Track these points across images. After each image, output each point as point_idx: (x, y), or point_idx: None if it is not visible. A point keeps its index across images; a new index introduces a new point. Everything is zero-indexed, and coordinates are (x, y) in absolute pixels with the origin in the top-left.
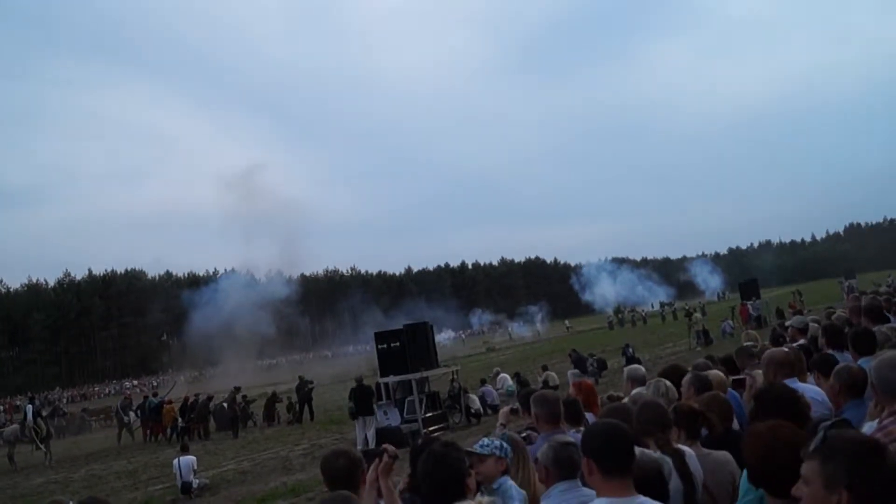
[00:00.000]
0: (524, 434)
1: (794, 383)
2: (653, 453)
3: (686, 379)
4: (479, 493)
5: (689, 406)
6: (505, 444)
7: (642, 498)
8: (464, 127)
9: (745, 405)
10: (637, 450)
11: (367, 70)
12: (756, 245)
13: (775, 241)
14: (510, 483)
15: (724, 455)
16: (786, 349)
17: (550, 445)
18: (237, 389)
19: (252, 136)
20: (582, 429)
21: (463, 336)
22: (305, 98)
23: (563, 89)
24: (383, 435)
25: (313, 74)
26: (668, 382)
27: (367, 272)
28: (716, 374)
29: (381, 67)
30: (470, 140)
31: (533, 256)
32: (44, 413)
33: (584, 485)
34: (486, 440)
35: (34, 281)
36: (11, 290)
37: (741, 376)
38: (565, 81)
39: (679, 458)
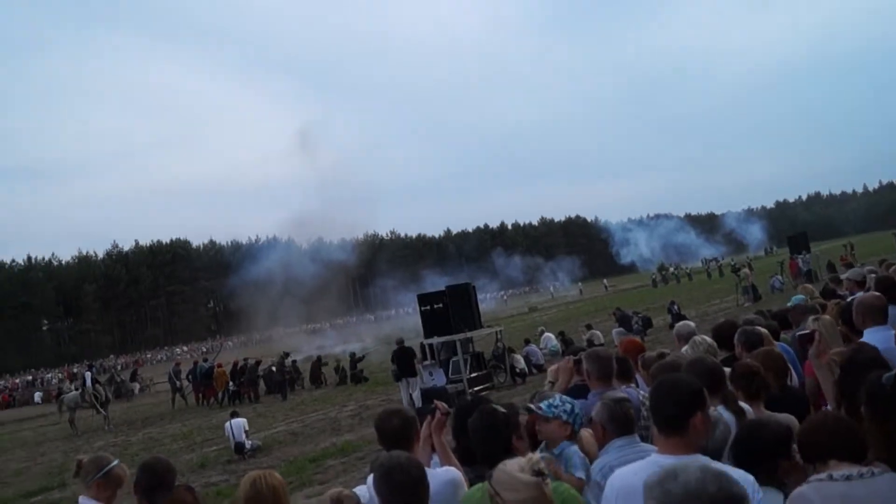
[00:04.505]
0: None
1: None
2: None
3: (736, 335)
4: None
5: (747, 365)
6: (576, 410)
7: (702, 457)
8: (502, 86)
9: (813, 359)
10: None
11: (402, 32)
12: (804, 198)
13: (825, 193)
14: (574, 449)
15: (788, 419)
16: (876, 293)
17: (604, 403)
18: (286, 354)
19: (293, 104)
20: (633, 386)
21: (504, 296)
22: (343, 64)
23: (602, 44)
24: (429, 395)
25: (350, 39)
26: (707, 338)
27: (406, 235)
28: (763, 329)
29: (417, 29)
30: (508, 98)
31: (573, 215)
32: (101, 380)
33: (643, 440)
34: (555, 401)
35: (84, 253)
36: (63, 262)
37: (806, 330)
38: (604, 36)
39: (742, 417)
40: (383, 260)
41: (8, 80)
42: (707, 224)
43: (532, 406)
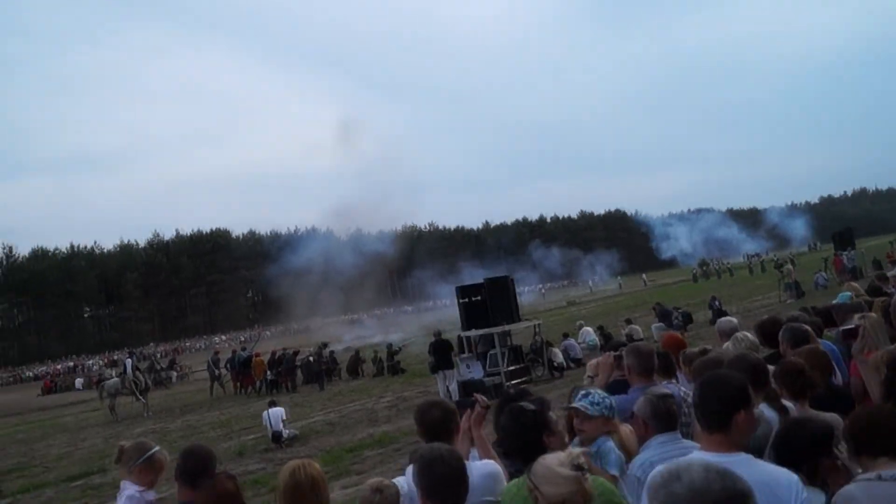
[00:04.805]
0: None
1: None
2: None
3: (781, 332)
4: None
5: (792, 362)
6: (613, 403)
7: (745, 455)
8: (544, 77)
9: (857, 355)
10: None
11: (444, 25)
12: (850, 193)
13: (871, 188)
14: (610, 445)
15: (833, 418)
16: None
17: (647, 398)
18: (324, 344)
19: (335, 96)
20: (674, 382)
21: (543, 290)
22: (386, 56)
23: (646, 36)
24: (466, 388)
25: (393, 32)
26: (750, 335)
27: (445, 227)
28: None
29: (460, 22)
30: (550, 91)
31: (613, 209)
32: (141, 367)
33: (685, 437)
34: (595, 397)
35: (126, 241)
36: (105, 250)
37: (851, 325)
38: (648, 28)
39: (786, 416)
40: (421, 251)
41: (56, 72)
42: (749, 219)
43: (578, 406)
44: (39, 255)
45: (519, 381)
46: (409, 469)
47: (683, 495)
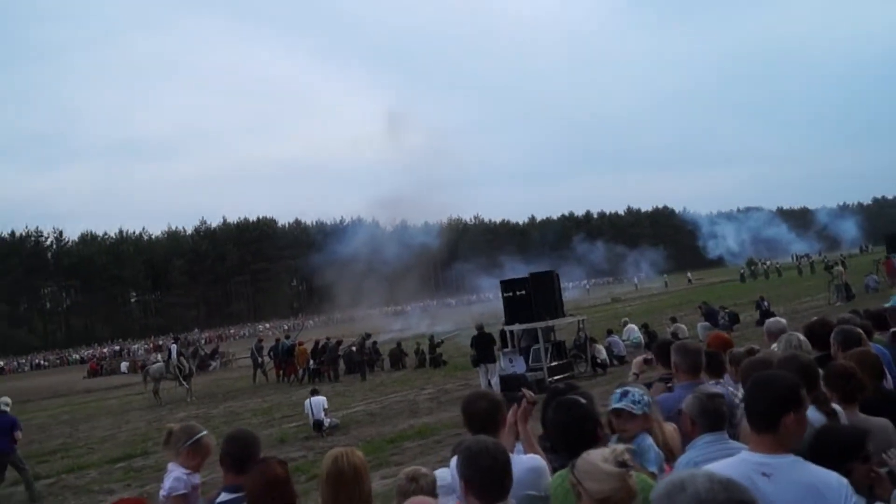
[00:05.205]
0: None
1: None
2: None
3: (833, 333)
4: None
5: (843, 365)
6: (648, 398)
7: (794, 457)
8: (594, 72)
9: None
10: None
11: (494, 17)
12: None
13: None
14: (649, 442)
15: (884, 423)
16: None
17: (697, 397)
18: (367, 335)
19: (383, 87)
20: (721, 381)
21: (587, 286)
22: (434, 49)
23: (697, 31)
24: (508, 382)
25: (442, 24)
26: (801, 336)
27: (490, 220)
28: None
29: (509, 14)
30: (599, 85)
31: (661, 206)
32: (185, 353)
33: (732, 437)
34: (635, 395)
35: (173, 228)
36: (153, 236)
37: None
38: (700, 23)
39: (835, 419)
40: (466, 244)
41: (107, 59)
42: (799, 219)
43: (624, 407)
44: (88, 240)
45: (561, 376)
46: (454, 460)
47: None
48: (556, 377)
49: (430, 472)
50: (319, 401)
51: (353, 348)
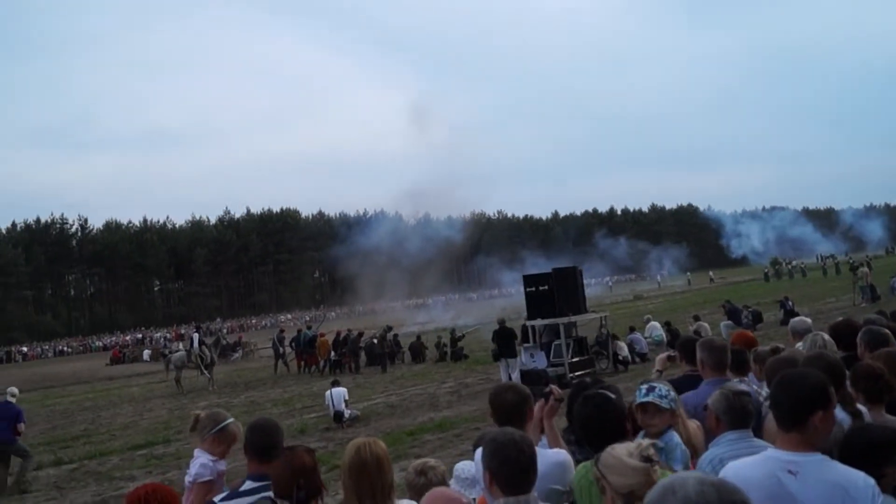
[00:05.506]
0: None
1: None
2: None
3: (860, 333)
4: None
5: (870, 365)
6: (674, 394)
7: (821, 455)
8: (618, 70)
9: None
10: None
11: (520, 12)
12: None
13: None
14: (677, 440)
15: None
16: None
17: (723, 393)
18: (389, 328)
19: (407, 81)
20: (745, 379)
21: (610, 283)
22: (460, 42)
23: (724, 29)
24: (529, 377)
25: (468, 18)
26: (826, 336)
27: (513, 215)
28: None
29: (535, 9)
30: (626, 83)
31: (685, 203)
32: (207, 342)
33: (757, 436)
34: (662, 390)
35: (197, 218)
36: (177, 225)
37: None
38: (725, 23)
39: (860, 420)
40: (488, 239)
41: (132, 48)
42: (825, 219)
43: (652, 401)
44: (112, 228)
45: (582, 372)
46: (479, 451)
47: None
48: (577, 373)
49: (440, 464)
50: (340, 392)
51: (375, 340)
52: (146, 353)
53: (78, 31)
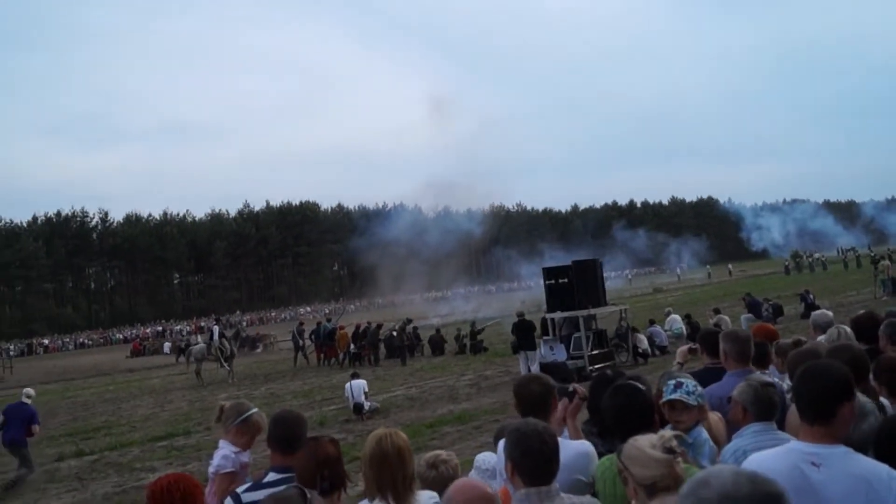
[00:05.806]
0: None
1: None
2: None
3: (882, 326)
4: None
5: (893, 359)
6: (701, 389)
7: (844, 447)
8: (639, 63)
9: None
10: None
11: (539, 5)
12: None
13: None
14: (705, 436)
15: None
16: None
17: (750, 384)
18: (408, 320)
19: (428, 73)
20: (767, 371)
21: (629, 275)
22: (481, 35)
23: (744, 25)
24: (548, 370)
25: (489, 10)
26: (847, 329)
27: (533, 208)
28: None
29: (554, 2)
30: (647, 75)
31: (705, 196)
32: (227, 334)
33: (780, 428)
34: (689, 386)
35: (217, 211)
36: (197, 218)
37: None
38: (747, 17)
39: (882, 413)
40: (507, 232)
41: (152, 41)
42: (846, 212)
43: (680, 398)
44: (133, 221)
45: (602, 365)
46: (501, 443)
47: (713, 500)
48: (596, 366)
49: (452, 457)
50: (360, 384)
51: (394, 333)
52: (166, 346)
53: (99, 24)
